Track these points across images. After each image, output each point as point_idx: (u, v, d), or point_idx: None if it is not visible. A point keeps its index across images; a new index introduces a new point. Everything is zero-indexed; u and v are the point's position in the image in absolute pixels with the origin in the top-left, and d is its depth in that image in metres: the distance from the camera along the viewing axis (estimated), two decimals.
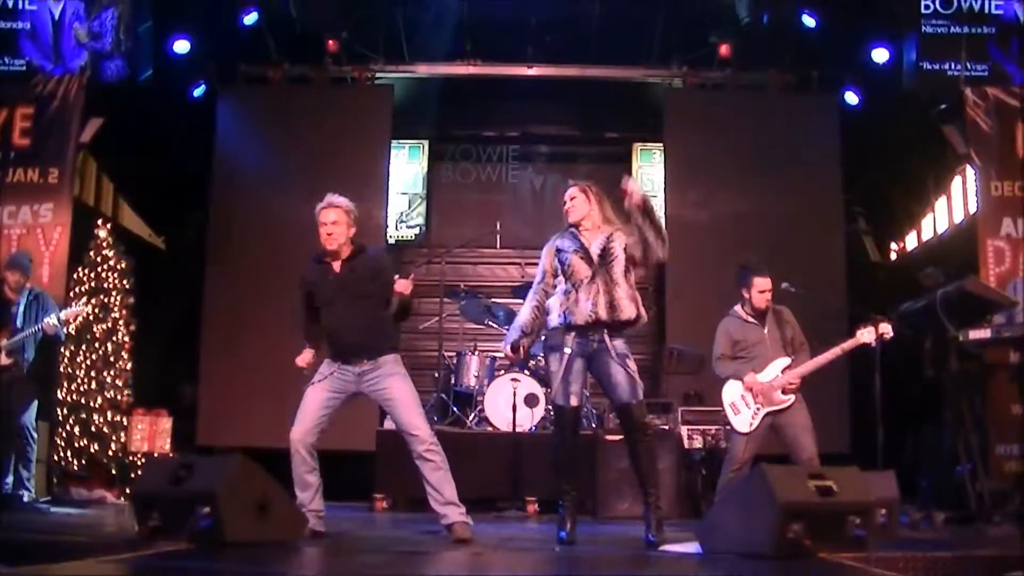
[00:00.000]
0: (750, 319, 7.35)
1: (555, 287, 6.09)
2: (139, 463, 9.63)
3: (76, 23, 10.28)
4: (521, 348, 6.11)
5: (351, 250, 6.26)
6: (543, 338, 6.32)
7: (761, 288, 7.30)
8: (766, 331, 7.31)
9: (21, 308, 8.51)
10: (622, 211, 6.02)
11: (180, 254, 12.37)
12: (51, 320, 8.28)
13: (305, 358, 6.34)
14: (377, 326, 6.12)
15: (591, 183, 6.24)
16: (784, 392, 7.12)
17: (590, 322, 5.86)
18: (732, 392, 7.32)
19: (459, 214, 13.31)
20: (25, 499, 8.20)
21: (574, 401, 5.99)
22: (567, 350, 5.93)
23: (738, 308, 7.44)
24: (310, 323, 6.34)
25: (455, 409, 10.18)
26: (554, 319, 5.99)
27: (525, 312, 6.17)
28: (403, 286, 5.95)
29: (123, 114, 10.55)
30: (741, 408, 7.24)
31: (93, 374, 9.66)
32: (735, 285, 7.48)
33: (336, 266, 6.22)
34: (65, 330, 8.78)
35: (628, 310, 5.88)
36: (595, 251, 5.95)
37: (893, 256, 12.80)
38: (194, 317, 11.47)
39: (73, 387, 9.59)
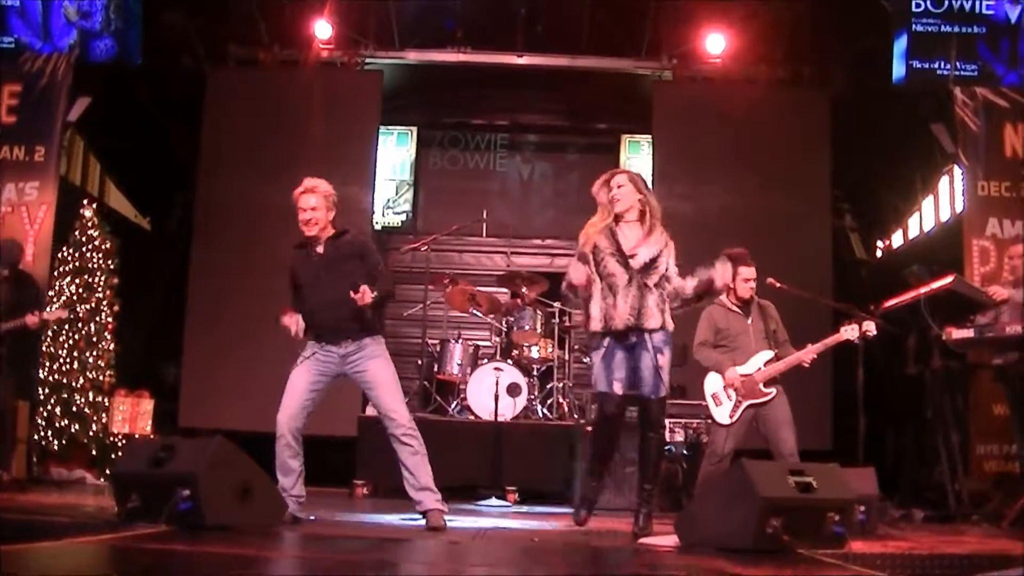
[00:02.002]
0: (734, 308, 7.34)
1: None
2: (120, 444, 9.61)
3: (65, 1, 10.21)
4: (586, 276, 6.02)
5: (333, 232, 6.24)
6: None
7: (746, 277, 7.28)
8: (750, 322, 7.29)
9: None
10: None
11: (165, 235, 12.36)
12: (35, 317, 8.15)
13: (296, 321, 6.08)
14: (359, 307, 5.95)
15: (639, 174, 6.31)
16: (766, 385, 7.12)
17: (628, 327, 5.90)
18: (714, 383, 7.31)
19: (446, 201, 13.28)
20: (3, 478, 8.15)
21: (617, 388, 5.98)
22: (606, 343, 5.98)
23: (723, 297, 7.40)
24: (299, 310, 6.25)
25: (437, 397, 10.17)
26: (595, 324, 5.99)
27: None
28: (360, 298, 5.85)
29: (111, 93, 10.51)
30: (723, 399, 7.22)
31: (76, 354, 9.63)
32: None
33: (319, 248, 6.20)
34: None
35: (655, 319, 5.94)
36: (641, 258, 5.99)
37: (879, 253, 12.84)
38: (178, 299, 11.43)
39: (55, 367, 9.56)
